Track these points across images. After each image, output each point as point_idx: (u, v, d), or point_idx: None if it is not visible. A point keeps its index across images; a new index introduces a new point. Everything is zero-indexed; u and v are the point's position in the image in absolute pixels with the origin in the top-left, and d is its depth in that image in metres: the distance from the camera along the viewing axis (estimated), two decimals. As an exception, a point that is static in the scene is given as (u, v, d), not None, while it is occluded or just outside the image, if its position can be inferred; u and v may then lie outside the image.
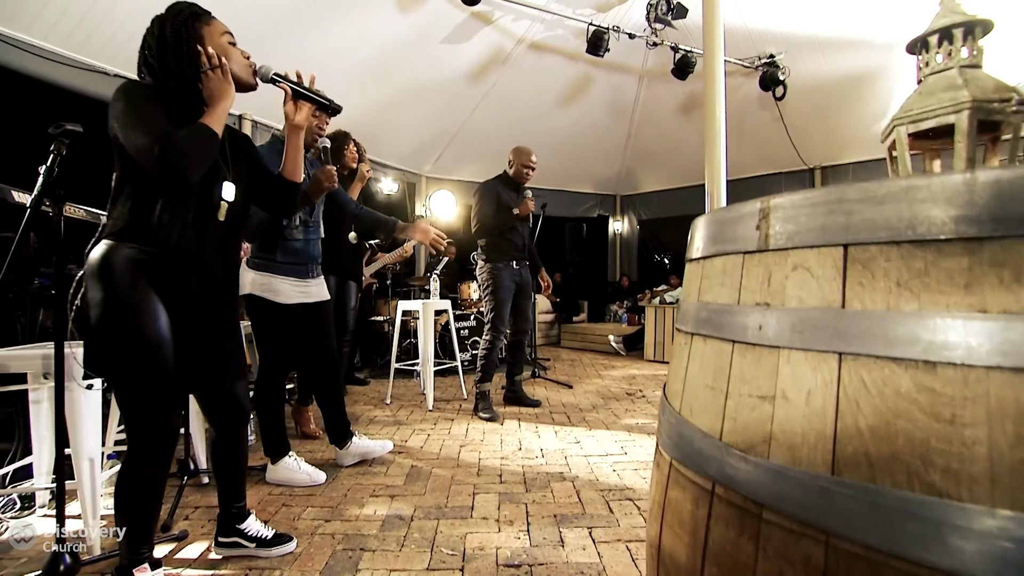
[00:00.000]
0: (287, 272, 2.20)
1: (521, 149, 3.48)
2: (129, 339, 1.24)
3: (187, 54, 1.31)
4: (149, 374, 1.26)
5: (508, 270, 3.39)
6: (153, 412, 1.29)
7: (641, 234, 8.27)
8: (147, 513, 1.36)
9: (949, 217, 0.44)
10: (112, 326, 1.24)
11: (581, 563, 1.61)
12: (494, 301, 3.36)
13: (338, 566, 1.60)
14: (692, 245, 0.78)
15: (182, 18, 1.33)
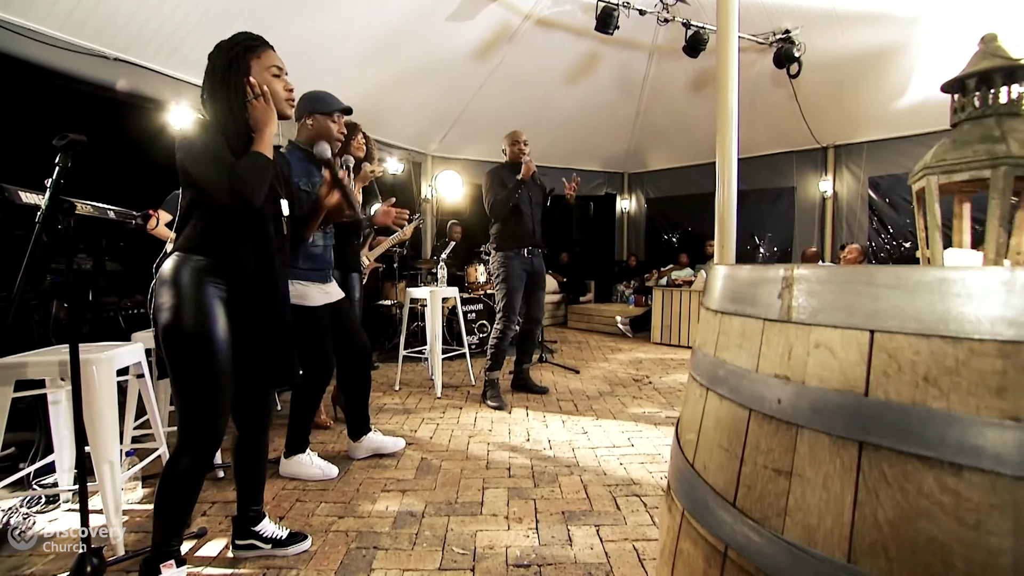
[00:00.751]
0: (312, 278, 2.22)
1: (509, 133, 3.52)
2: (192, 340, 1.35)
3: (235, 87, 1.41)
4: (206, 374, 1.37)
5: (519, 258, 3.39)
6: (204, 412, 1.38)
7: (649, 213, 8.19)
8: (182, 507, 1.44)
9: (985, 316, 0.43)
10: (178, 328, 1.34)
11: (589, 563, 1.65)
12: (505, 289, 3.37)
13: (352, 565, 1.65)
14: (709, 293, 0.76)
15: (235, 52, 1.43)
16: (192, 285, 1.36)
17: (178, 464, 1.39)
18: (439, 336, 3.68)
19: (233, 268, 1.42)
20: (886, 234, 5.98)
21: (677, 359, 4.95)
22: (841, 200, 6.32)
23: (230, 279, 1.42)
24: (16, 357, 1.69)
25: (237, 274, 1.42)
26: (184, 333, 1.35)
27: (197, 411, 1.38)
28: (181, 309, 1.34)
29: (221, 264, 1.40)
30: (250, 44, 1.46)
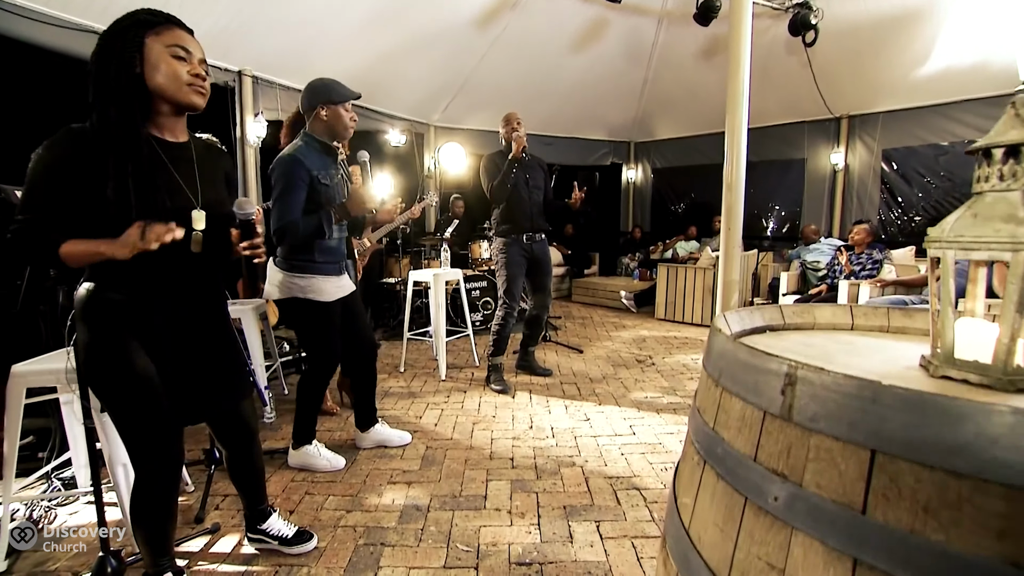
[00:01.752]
0: (327, 271, 2.21)
1: (504, 116, 3.46)
2: (113, 379, 1.28)
3: (119, 71, 1.19)
4: (137, 410, 1.30)
5: (517, 244, 3.37)
6: (147, 443, 1.33)
7: (655, 183, 8.04)
8: (161, 529, 1.43)
9: (994, 456, 0.42)
10: (96, 368, 1.28)
11: (589, 561, 1.71)
12: (504, 275, 3.37)
13: (361, 563, 1.71)
14: (709, 358, 0.75)
15: (123, 27, 1.21)
16: (101, 322, 1.26)
17: (140, 493, 1.37)
18: (443, 320, 3.69)
19: (140, 297, 1.29)
20: (897, 209, 5.86)
21: (680, 337, 4.97)
22: (852, 173, 6.17)
23: (138, 308, 1.29)
24: (26, 365, 1.72)
25: (146, 304, 1.30)
26: (104, 374, 1.28)
27: (140, 445, 1.34)
28: (96, 350, 1.27)
29: (126, 294, 1.28)
30: (145, 18, 1.22)
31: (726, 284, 3.83)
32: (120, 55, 1.19)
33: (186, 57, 1.25)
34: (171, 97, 1.25)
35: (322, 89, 2.16)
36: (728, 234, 3.78)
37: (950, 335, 0.66)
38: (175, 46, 1.24)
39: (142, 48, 1.20)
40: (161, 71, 1.22)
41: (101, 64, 1.19)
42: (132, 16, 1.22)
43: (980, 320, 0.69)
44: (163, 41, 1.22)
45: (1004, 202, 0.61)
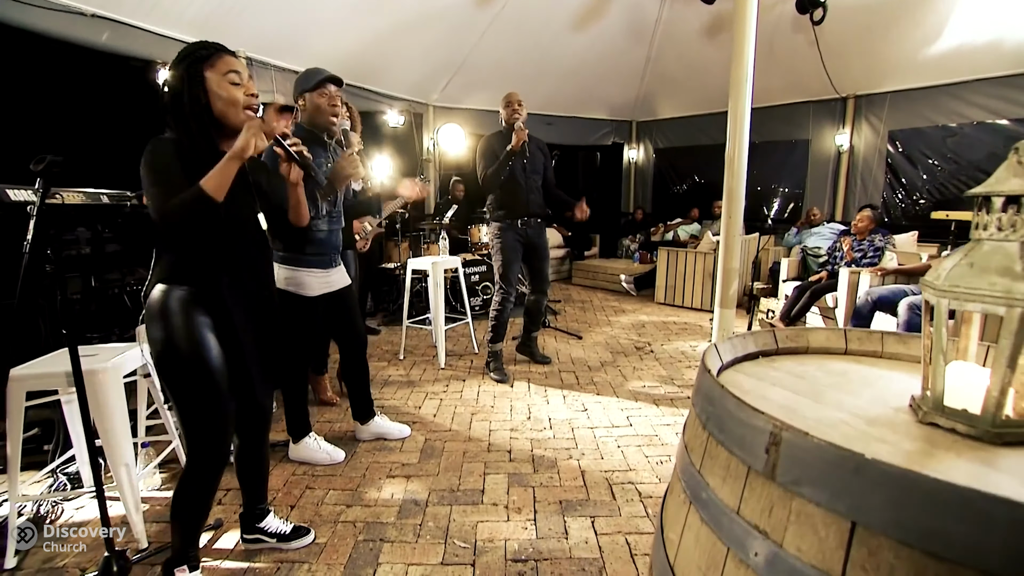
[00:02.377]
0: (313, 264, 2.20)
1: (505, 95, 3.38)
2: (187, 373, 1.38)
3: (191, 104, 1.36)
4: (205, 403, 1.41)
5: (512, 230, 3.34)
6: (209, 436, 1.43)
7: (657, 163, 7.93)
8: (197, 520, 1.52)
9: (971, 541, 0.42)
10: (171, 362, 1.38)
11: (583, 558, 1.75)
12: (500, 261, 3.36)
13: (360, 559, 1.75)
14: (698, 397, 0.75)
15: (185, 65, 1.37)
16: (179, 316, 1.38)
17: (190, 482, 1.46)
18: (442, 309, 3.70)
19: (213, 295, 1.43)
20: (902, 191, 5.78)
21: (680, 323, 4.98)
22: (857, 155, 6.07)
23: (212, 304, 1.43)
24: (25, 368, 1.73)
25: (217, 300, 1.44)
26: (179, 364, 1.38)
27: (203, 434, 1.43)
28: (172, 341, 1.37)
29: (201, 292, 1.42)
30: (201, 54, 1.38)
31: (726, 272, 3.81)
32: (189, 91, 1.35)
33: (239, 81, 1.42)
34: (232, 120, 1.41)
35: (300, 79, 2.14)
36: (729, 222, 3.74)
37: (940, 384, 0.65)
38: (229, 72, 1.40)
39: (204, 82, 1.37)
40: (223, 99, 1.39)
41: (175, 98, 1.37)
42: (190, 53, 1.38)
43: (972, 365, 0.69)
44: (219, 71, 1.39)
45: (1001, 253, 0.60)
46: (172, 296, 1.39)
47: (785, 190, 6.73)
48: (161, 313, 1.37)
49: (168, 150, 1.35)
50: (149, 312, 1.40)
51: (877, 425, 0.67)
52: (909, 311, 3.13)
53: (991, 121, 5.09)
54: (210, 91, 1.38)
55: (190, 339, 1.37)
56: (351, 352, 2.45)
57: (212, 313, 1.43)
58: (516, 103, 3.31)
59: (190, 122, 1.36)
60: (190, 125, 1.37)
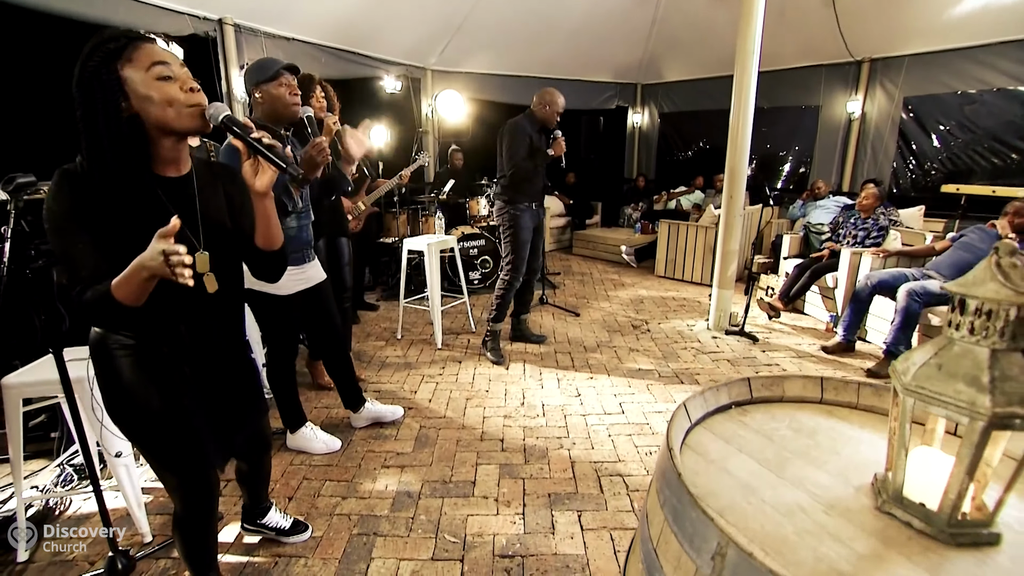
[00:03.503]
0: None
1: (552, 94, 3.24)
2: (135, 420, 1.25)
3: (104, 113, 1.04)
4: (163, 447, 1.28)
5: (528, 212, 3.35)
6: (177, 477, 1.33)
7: (662, 128, 7.70)
8: (202, 550, 1.50)
9: None
10: (117, 409, 1.24)
11: (568, 555, 1.81)
12: (514, 243, 3.34)
13: (354, 553, 1.83)
14: (657, 476, 0.74)
15: (93, 66, 1.03)
16: (116, 364, 1.20)
17: (181, 522, 1.42)
18: (438, 290, 3.69)
19: (154, 343, 1.22)
20: (913, 162, 5.62)
21: (678, 298, 4.97)
22: (869, 122, 5.86)
23: (153, 353, 1.23)
24: (19, 376, 1.76)
25: (157, 349, 1.23)
26: (126, 415, 1.25)
27: (171, 479, 1.34)
28: (114, 392, 1.22)
29: (139, 339, 1.21)
30: (110, 47, 1.04)
31: (724, 254, 3.78)
32: (103, 102, 1.03)
33: (172, 74, 1.08)
34: (173, 126, 1.10)
35: (251, 71, 2.02)
36: (730, 203, 3.68)
37: (901, 476, 0.65)
38: (155, 65, 1.06)
39: (122, 84, 1.04)
40: (155, 102, 1.06)
41: (87, 113, 1.04)
42: (96, 50, 1.04)
43: (936, 452, 0.68)
44: (140, 66, 1.06)
45: (970, 358, 0.58)
46: (110, 339, 1.19)
47: (792, 159, 6.55)
48: (98, 357, 1.21)
49: (72, 192, 1.05)
50: (90, 353, 1.22)
51: (835, 513, 0.67)
52: (908, 297, 3.10)
53: (1013, 88, 4.87)
54: (134, 95, 1.05)
55: (130, 387, 1.21)
56: (330, 346, 2.45)
57: (155, 363, 1.23)
58: (560, 109, 3.24)
59: (104, 142, 1.05)
60: (104, 147, 1.05)
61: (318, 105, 2.74)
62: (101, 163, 1.05)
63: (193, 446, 1.31)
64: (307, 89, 2.70)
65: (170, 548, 1.85)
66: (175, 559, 1.81)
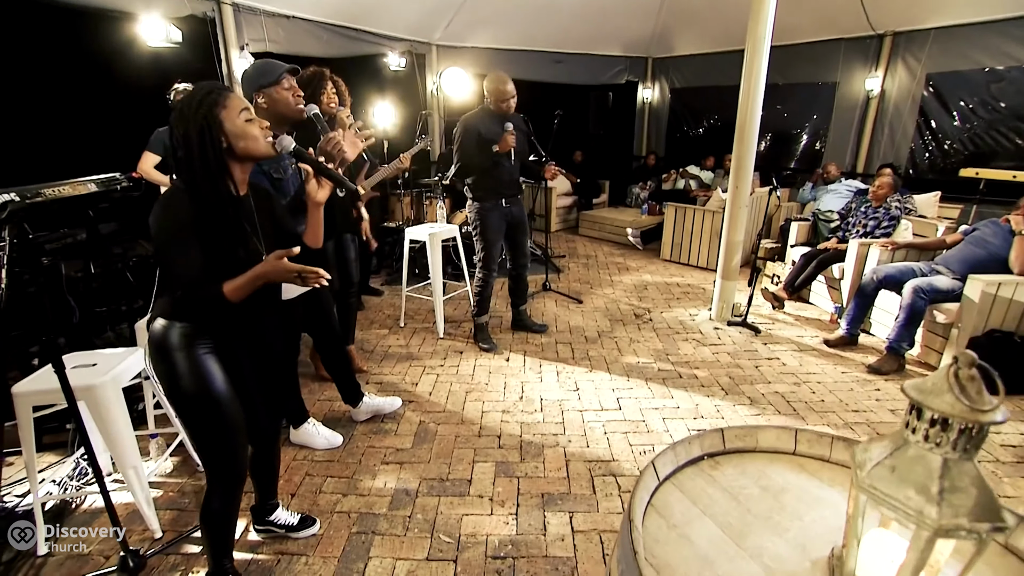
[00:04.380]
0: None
1: (494, 79, 3.10)
2: (196, 403, 1.42)
3: (212, 151, 1.31)
4: (217, 429, 1.46)
5: (497, 210, 3.29)
6: (223, 459, 1.50)
7: (673, 104, 7.49)
8: (225, 536, 1.63)
9: None
10: (179, 398, 1.42)
11: (558, 557, 1.88)
12: (483, 241, 3.34)
13: (353, 552, 1.91)
14: (617, 548, 0.76)
15: (202, 113, 1.31)
16: (182, 351, 1.39)
17: (211, 505, 1.56)
18: (440, 281, 3.71)
19: (216, 330, 1.45)
20: (932, 143, 5.42)
21: (683, 284, 4.94)
22: (888, 100, 5.64)
23: (216, 338, 1.45)
24: (29, 384, 1.82)
25: (221, 334, 1.45)
26: (186, 398, 1.42)
27: (217, 460, 1.51)
28: (177, 376, 1.39)
29: (205, 327, 1.43)
30: (214, 98, 1.33)
31: (729, 245, 3.74)
32: (211, 139, 1.31)
33: (252, 116, 1.40)
34: (257, 155, 1.41)
35: (252, 75, 1.99)
36: (736, 193, 3.62)
37: (852, 562, 0.66)
38: (243, 111, 1.37)
39: (223, 126, 1.33)
40: (248, 139, 1.37)
41: (189, 144, 1.30)
42: (202, 96, 1.32)
43: (891, 536, 0.69)
44: (233, 110, 1.35)
45: (923, 464, 0.58)
46: (173, 332, 1.39)
47: (806, 138, 6.36)
48: (164, 348, 1.39)
49: (182, 207, 1.31)
50: (151, 348, 1.41)
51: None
52: (914, 294, 3.05)
53: (1045, 64, 4.65)
54: (229, 134, 1.34)
55: (195, 375, 1.40)
56: (329, 346, 2.52)
57: (216, 345, 1.45)
58: (508, 94, 3.08)
59: (205, 173, 1.31)
60: (204, 179, 1.31)
61: (329, 100, 2.70)
62: (197, 179, 1.32)
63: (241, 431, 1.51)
64: (319, 84, 2.67)
65: (180, 544, 1.94)
66: (184, 555, 1.91)
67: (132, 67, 4.07)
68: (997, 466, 2.34)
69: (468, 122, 3.15)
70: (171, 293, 1.35)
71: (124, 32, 3.93)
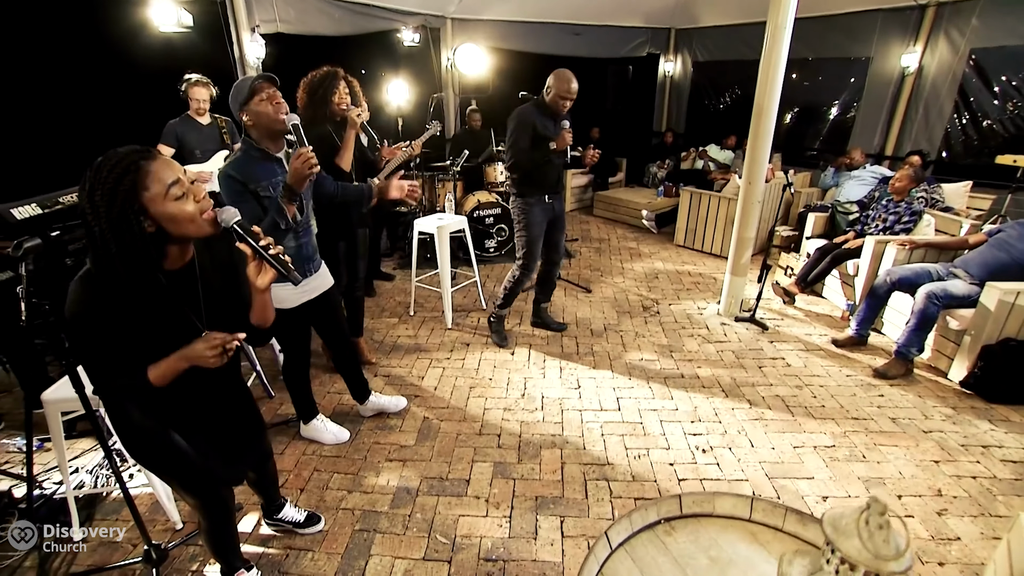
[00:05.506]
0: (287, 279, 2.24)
1: (560, 75, 2.98)
2: (156, 459, 1.46)
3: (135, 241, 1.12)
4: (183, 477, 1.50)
5: (540, 205, 3.24)
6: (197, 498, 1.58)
7: (695, 78, 7.20)
8: (222, 544, 1.75)
9: None
10: (138, 450, 1.44)
11: (546, 562, 1.98)
12: (526, 237, 3.27)
13: (355, 549, 2.05)
14: None
15: (120, 198, 1.09)
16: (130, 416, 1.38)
17: (205, 529, 1.68)
18: (448, 272, 3.76)
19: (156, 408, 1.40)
20: (971, 125, 5.13)
21: (694, 274, 4.89)
22: (925, 78, 5.33)
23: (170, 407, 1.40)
24: (57, 391, 1.96)
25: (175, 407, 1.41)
26: (143, 456, 1.45)
27: (191, 498, 1.58)
28: (130, 438, 1.40)
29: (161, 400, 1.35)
30: (132, 179, 1.09)
31: (739, 242, 3.69)
32: (129, 227, 1.10)
33: (185, 191, 1.17)
34: (191, 235, 1.22)
35: (231, 98, 1.97)
36: (748, 188, 3.54)
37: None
38: (170, 186, 1.14)
39: (147, 212, 1.13)
40: (180, 221, 1.17)
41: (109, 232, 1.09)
42: (117, 177, 1.08)
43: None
44: (156, 189, 1.12)
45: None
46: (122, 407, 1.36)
47: (833, 116, 6.08)
48: (117, 413, 1.37)
49: (92, 297, 1.15)
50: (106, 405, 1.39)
51: None
52: (927, 300, 2.99)
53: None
54: (157, 217, 1.14)
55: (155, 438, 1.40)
56: (339, 350, 2.61)
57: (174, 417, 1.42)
58: (572, 93, 2.98)
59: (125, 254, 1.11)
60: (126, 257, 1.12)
61: (341, 100, 2.70)
62: (120, 270, 1.13)
63: (208, 473, 1.52)
64: (330, 85, 2.66)
65: (198, 536, 2.10)
66: (202, 546, 2.07)
67: (144, 55, 4.10)
68: (993, 482, 2.34)
69: (523, 116, 3.05)
70: (92, 384, 1.25)
71: (135, 18, 3.94)
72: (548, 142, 3.02)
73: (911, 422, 2.75)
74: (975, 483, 2.34)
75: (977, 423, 2.73)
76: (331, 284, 2.46)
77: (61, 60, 3.87)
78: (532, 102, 3.09)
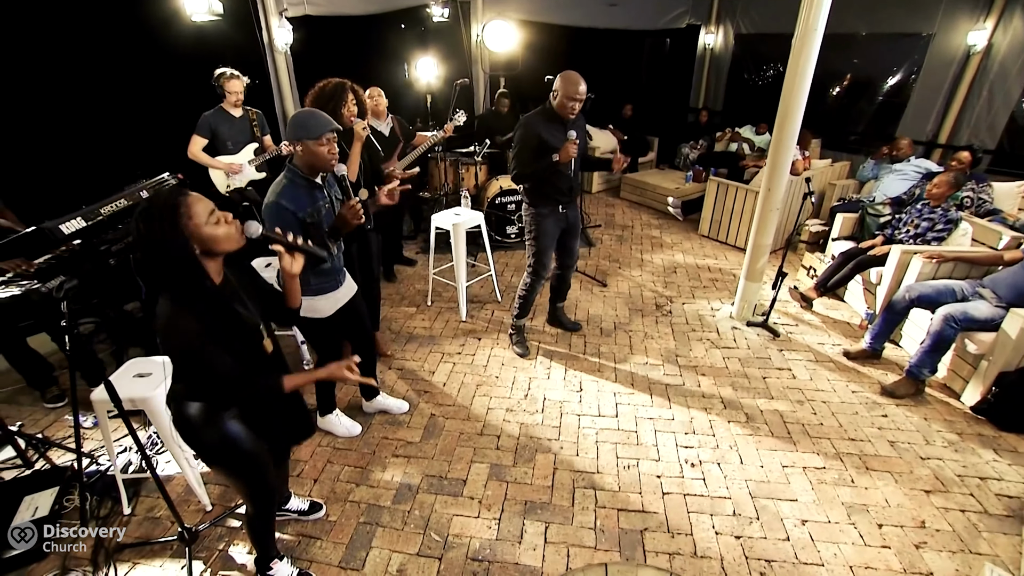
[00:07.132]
0: (325, 290, 2.41)
1: (567, 77, 2.85)
2: (225, 466, 1.69)
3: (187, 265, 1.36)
4: (248, 479, 1.76)
5: (552, 216, 3.19)
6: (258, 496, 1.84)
7: (736, 51, 6.80)
8: (267, 537, 2.01)
9: None
10: (208, 460, 1.68)
11: (527, 566, 2.16)
12: (536, 247, 3.28)
13: (359, 540, 2.28)
14: None
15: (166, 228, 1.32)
16: (206, 426, 1.59)
17: (253, 523, 1.93)
18: (463, 267, 3.87)
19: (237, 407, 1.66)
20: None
21: (714, 269, 4.82)
22: (993, 58, 4.88)
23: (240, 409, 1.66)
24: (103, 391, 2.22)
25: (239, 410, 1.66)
26: (217, 462, 1.68)
27: (253, 497, 1.83)
28: (205, 448, 1.62)
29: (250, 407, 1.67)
30: (176, 212, 1.32)
31: (755, 248, 3.63)
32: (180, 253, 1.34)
33: (219, 217, 1.42)
34: (229, 251, 1.46)
35: (298, 125, 2.10)
36: (768, 195, 3.46)
37: None
38: (209, 215, 1.39)
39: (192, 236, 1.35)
40: (219, 240, 1.41)
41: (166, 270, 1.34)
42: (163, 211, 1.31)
43: None
44: (198, 217, 1.36)
45: None
46: (192, 408, 1.56)
47: (882, 98, 5.67)
48: (187, 427, 1.58)
49: (187, 323, 1.36)
50: (175, 423, 1.59)
51: None
52: (944, 322, 2.89)
53: None
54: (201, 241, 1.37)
55: (221, 444, 1.61)
56: (362, 350, 2.78)
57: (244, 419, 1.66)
58: (579, 96, 2.83)
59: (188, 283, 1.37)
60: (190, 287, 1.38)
61: (349, 113, 2.78)
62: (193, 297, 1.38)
63: (273, 469, 1.84)
64: (340, 98, 2.75)
65: (226, 519, 2.39)
66: (229, 528, 2.36)
67: (176, 44, 4.21)
68: (981, 518, 2.34)
69: (529, 124, 2.98)
70: (213, 394, 1.51)
71: (168, 8, 4.05)
72: (551, 155, 2.91)
73: (910, 447, 2.74)
74: (962, 517, 2.35)
75: (980, 452, 2.70)
76: (355, 291, 2.63)
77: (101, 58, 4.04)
78: (538, 110, 3.00)
